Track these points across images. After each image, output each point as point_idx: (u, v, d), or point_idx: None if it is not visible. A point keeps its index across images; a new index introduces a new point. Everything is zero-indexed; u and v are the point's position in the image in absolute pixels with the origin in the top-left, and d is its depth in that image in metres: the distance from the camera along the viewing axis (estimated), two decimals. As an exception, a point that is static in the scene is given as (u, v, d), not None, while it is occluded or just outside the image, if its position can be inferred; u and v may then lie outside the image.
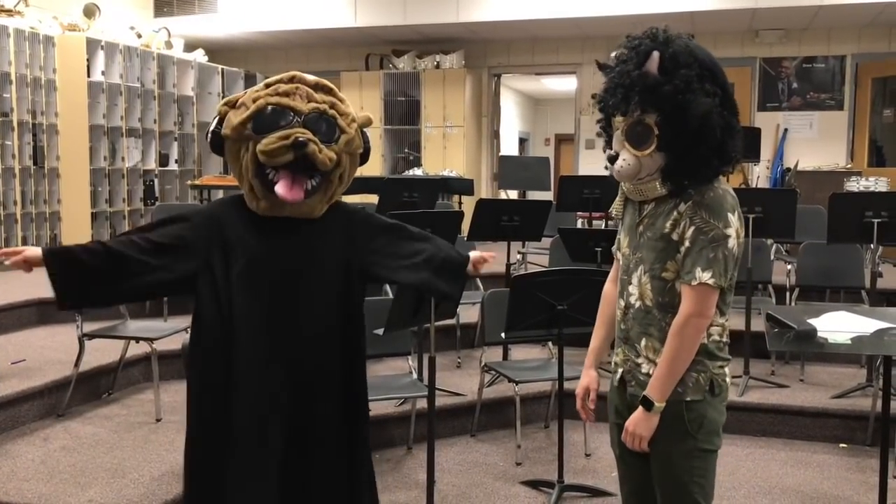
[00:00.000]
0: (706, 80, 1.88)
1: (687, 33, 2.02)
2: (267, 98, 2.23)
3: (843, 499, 3.64)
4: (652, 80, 1.88)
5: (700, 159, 1.89)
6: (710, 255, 1.88)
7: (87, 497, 3.11)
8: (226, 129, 2.26)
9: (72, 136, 7.60)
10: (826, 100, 9.06)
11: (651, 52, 1.90)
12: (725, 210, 1.89)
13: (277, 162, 2.18)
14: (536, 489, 3.72)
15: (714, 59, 1.97)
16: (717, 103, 1.88)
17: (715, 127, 1.87)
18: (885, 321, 2.68)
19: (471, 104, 9.98)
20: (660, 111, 1.88)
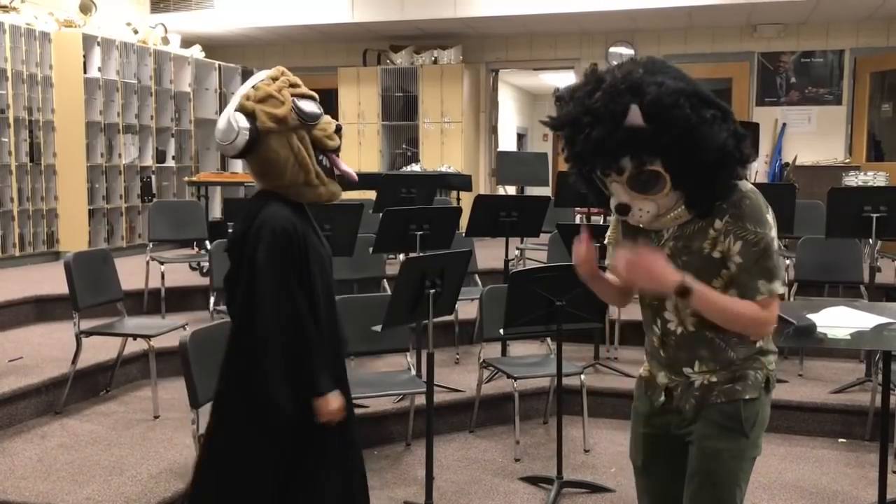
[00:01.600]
0: (698, 106, 1.74)
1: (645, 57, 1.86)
2: (289, 89, 2.27)
3: (842, 493, 3.64)
4: (645, 134, 1.71)
5: (725, 181, 1.81)
6: (770, 265, 1.82)
7: (84, 495, 3.10)
8: (268, 123, 2.22)
9: (68, 133, 7.58)
10: (824, 94, 9.05)
11: (629, 107, 1.71)
12: (764, 213, 1.83)
13: (335, 145, 2.29)
14: (535, 485, 3.71)
15: (684, 73, 1.82)
16: (723, 125, 1.76)
17: (731, 150, 1.77)
18: (885, 316, 2.68)
19: (469, 100, 9.96)
20: (663, 157, 1.76)
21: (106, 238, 7.93)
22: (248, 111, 2.22)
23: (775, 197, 4.72)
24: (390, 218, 4.43)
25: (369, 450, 4.08)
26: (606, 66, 1.86)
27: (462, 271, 3.41)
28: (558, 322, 3.56)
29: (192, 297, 5.92)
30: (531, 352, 4.95)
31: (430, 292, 3.12)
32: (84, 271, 4.23)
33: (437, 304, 3.18)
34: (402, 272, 3.15)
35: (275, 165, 2.25)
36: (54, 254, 7.59)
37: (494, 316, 4.10)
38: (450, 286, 3.26)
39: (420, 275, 3.11)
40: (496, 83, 10.58)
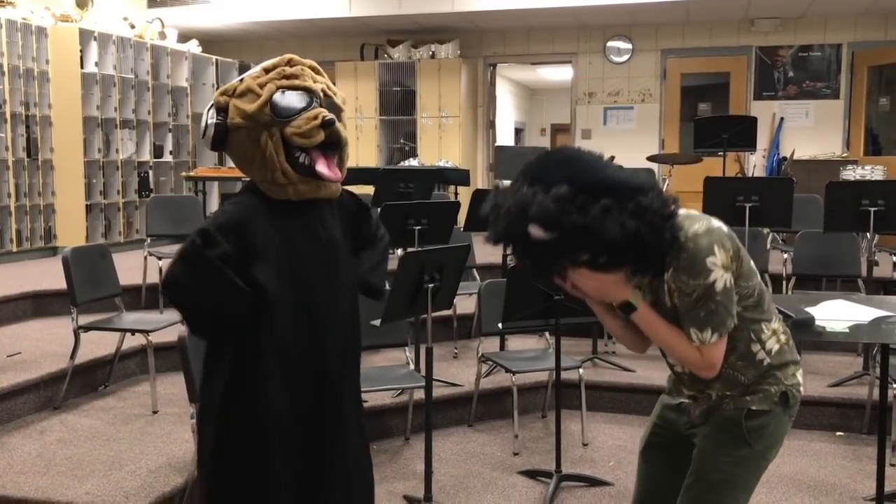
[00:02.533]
0: (586, 204, 1.68)
1: (535, 160, 1.79)
2: (276, 82, 2.20)
3: (840, 486, 3.65)
4: (550, 248, 1.72)
5: (647, 254, 1.76)
6: (702, 314, 1.83)
7: (84, 489, 3.10)
8: (236, 119, 2.18)
9: (65, 128, 7.56)
10: (822, 88, 9.05)
11: (528, 230, 1.72)
12: (702, 259, 1.79)
13: (312, 143, 2.17)
14: (534, 479, 3.72)
15: (572, 171, 1.73)
16: (620, 215, 1.69)
17: (636, 230, 1.70)
18: (883, 309, 2.68)
19: (466, 94, 9.95)
20: (586, 251, 1.74)
21: (103, 233, 7.92)
22: (221, 106, 2.21)
23: (773, 191, 4.76)
24: (388, 213, 4.43)
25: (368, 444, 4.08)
26: (499, 187, 1.85)
27: (461, 266, 3.41)
28: (557, 316, 3.56)
29: (190, 293, 5.90)
30: (529, 346, 4.95)
31: (429, 287, 3.12)
32: (82, 266, 4.22)
33: (435, 298, 3.17)
34: (400, 267, 3.15)
35: (243, 160, 2.25)
36: (51, 249, 7.58)
37: (493, 310, 4.10)
38: (448, 281, 3.26)
39: (419, 269, 3.11)
40: (494, 77, 10.57)
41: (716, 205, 4.77)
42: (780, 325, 1.98)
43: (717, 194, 4.76)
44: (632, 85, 9.66)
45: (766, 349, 1.94)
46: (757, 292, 1.90)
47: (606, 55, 9.71)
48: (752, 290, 1.89)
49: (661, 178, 8.83)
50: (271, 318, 2.22)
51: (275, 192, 2.23)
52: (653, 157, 7.84)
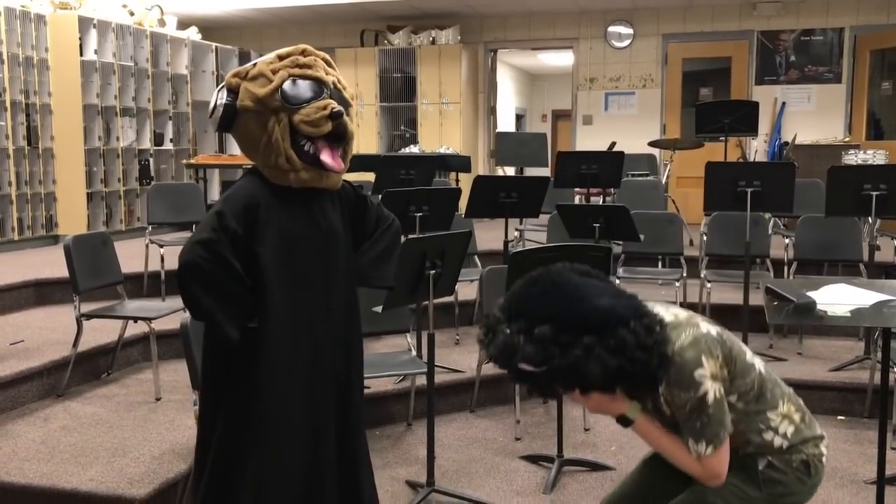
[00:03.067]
0: (571, 345, 1.73)
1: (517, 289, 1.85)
2: (289, 69, 2.23)
3: (841, 470, 3.66)
4: (545, 378, 1.78)
5: (637, 380, 1.81)
6: (696, 425, 1.84)
7: (88, 476, 3.11)
8: (246, 101, 2.21)
9: (65, 116, 7.55)
10: (824, 73, 9.02)
11: (518, 369, 1.78)
12: (690, 372, 1.81)
13: (319, 132, 2.20)
14: (536, 464, 3.73)
15: (552, 308, 1.77)
16: (599, 351, 1.73)
17: (619, 366, 1.75)
18: (884, 293, 2.68)
19: (467, 80, 9.92)
20: (579, 380, 1.79)
21: (105, 221, 7.92)
22: (233, 87, 2.25)
23: (774, 176, 4.75)
24: (389, 199, 4.42)
25: (371, 430, 4.10)
26: (489, 315, 1.88)
27: (462, 252, 3.41)
28: (558, 302, 3.56)
29: (192, 280, 5.91)
30: (531, 332, 4.96)
31: (431, 273, 3.12)
32: (84, 254, 4.23)
33: (437, 284, 3.18)
34: (402, 253, 3.15)
35: (249, 143, 2.28)
36: (53, 237, 7.59)
37: (495, 296, 4.10)
38: (450, 267, 3.27)
39: (420, 256, 3.11)
40: (494, 63, 10.54)
41: (717, 190, 4.76)
42: (790, 406, 1.97)
43: (719, 179, 4.76)
44: (633, 70, 9.62)
45: (780, 434, 1.94)
46: (757, 385, 1.92)
47: (607, 40, 9.67)
48: (750, 384, 1.91)
49: (662, 163, 8.82)
50: (266, 303, 2.25)
51: (276, 178, 2.26)
52: (654, 143, 7.82)
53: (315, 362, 2.35)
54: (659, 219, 5.60)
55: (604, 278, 1.85)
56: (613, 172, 5.95)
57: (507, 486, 3.49)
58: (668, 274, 5.66)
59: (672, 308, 1.96)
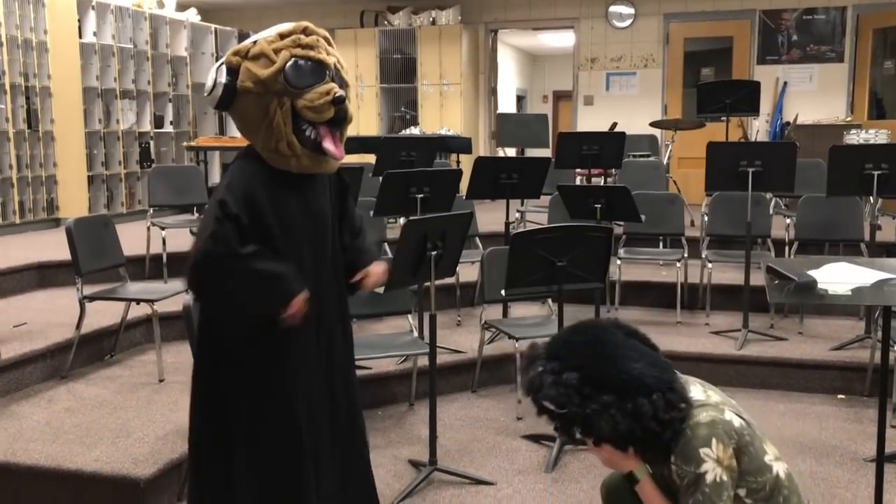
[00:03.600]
0: (590, 398, 1.85)
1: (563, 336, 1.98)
2: (291, 50, 2.16)
3: (841, 448, 3.68)
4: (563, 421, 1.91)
5: (654, 442, 1.89)
6: (690, 501, 1.88)
7: (93, 456, 3.14)
8: (247, 82, 2.15)
9: (65, 99, 7.53)
10: (826, 52, 8.97)
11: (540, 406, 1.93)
12: (696, 448, 1.86)
13: (322, 118, 2.16)
14: (538, 443, 3.76)
15: (584, 358, 1.89)
16: (613, 412, 1.84)
17: (632, 427, 1.85)
18: (885, 272, 2.68)
19: (468, 61, 9.88)
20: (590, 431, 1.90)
21: (106, 204, 7.92)
22: (233, 66, 2.18)
23: (776, 156, 4.74)
24: (390, 181, 4.42)
25: (373, 410, 4.12)
26: (534, 346, 2.01)
27: (464, 233, 3.42)
28: (559, 282, 3.57)
29: (194, 262, 5.92)
30: (532, 313, 4.97)
31: (432, 254, 3.13)
32: (85, 236, 4.24)
33: (438, 266, 3.19)
34: (403, 234, 3.15)
35: (248, 125, 2.23)
36: (54, 220, 7.60)
37: (495, 278, 4.11)
38: (451, 248, 3.27)
39: (422, 237, 3.11)
40: (495, 44, 10.49)
41: (719, 170, 4.76)
42: None
43: (720, 159, 4.75)
44: (634, 50, 9.58)
45: None
46: (769, 487, 1.92)
47: (609, 20, 9.62)
48: (762, 484, 1.92)
49: (663, 143, 8.80)
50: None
51: (276, 162, 2.22)
52: (655, 123, 7.80)
53: (318, 342, 2.36)
54: (660, 199, 5.59)
55: (649, 343, 1.96)
56: (614, 153, 5.94)
57: (509, 465, 3.52)
58: (669, 254, 5.66)
59: (710, 389, 2.00)
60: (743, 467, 1.88)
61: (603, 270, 3.75)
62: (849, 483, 3.34)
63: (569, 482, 3.35)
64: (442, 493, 3.26)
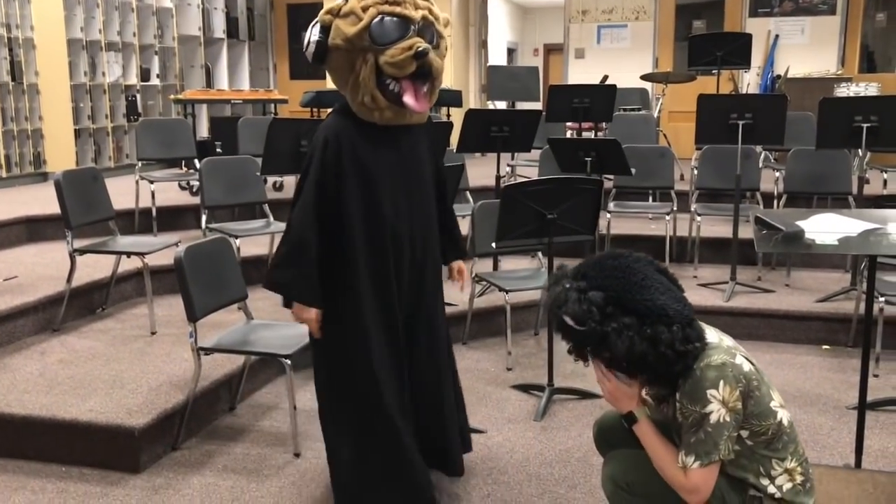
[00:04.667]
0: (612, 316, 1.89)
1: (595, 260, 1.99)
2: (379, 6, 2.26)
3: (825, 396, 3.75)
4: (579, 337, 1.94)
5: (657, 374, 1.93)
6: (692, 440, 1.91)
7: (87, 407, 3.17)
8: (337, 40, 2.27)
9: (49, 51, 7.42)
10: (818, 5, 8.91)
11: (562, 319, 1.95)
12: (704, 389, 1.89)
13: (403, 73, 2.26)
14: (527, 392, 3.81)
15: (611, 280, 1.92)
16: (631, 334, 1.87)
17: (647, 352, 1.87)
18: (872, 222, 2.71)
19: (458, 13, 9.76)
20: (606, 352, 1.93)
21: (93, 158, 7.86)
22: (326, 24, 2.31)
23: (766, 108, 4.74)
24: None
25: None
26: (562, 268, 2.06)
27: (455, 185, 3.42)
28: (550, 235, 3.59)
29: (183, 216, 5.92)
30: (522, 266, 5.00)
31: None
32: (74, 190, 4.21)
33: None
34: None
35: (339, 80, 2.38)
36: (41, 174, 7.54)
37: (486, 231, 4.12)
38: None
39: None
40: (485, -4, 10.35)
41: (709, 123, 4.76)
42: (797, 466, 1.99)
43: (711, 112, 4.75)
44: (626, 2, 9.48)
45: (776, 485, 1.98)
46: (772, 432, 1.95)
47: (600, -29, 9.50)
48: (766, 428, 1.94)
49: (654, 97, 8.76)
50: (351, 233, 2.43)
51: (364, 114, 2.37)
52: (647, 76, 7.76)
53: (392, 287, 2.53)
54: (650, 153, 5.60)
55: (676, 283, 1.98)
56: (605, 106, 5.92)
57: (499, 414, 3.57)
58: (658, 208, 5.68)
59: (723, 335, 2.03)
60: (748, 410, 1.92)
61: (593, 223, 3.77)
62: (831, 430, 3.41)
63: (557, 430, 3.41)
64: (433, 442, 3.31)
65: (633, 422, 2.04)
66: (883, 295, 3.88)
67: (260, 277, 5.00)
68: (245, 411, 3.60)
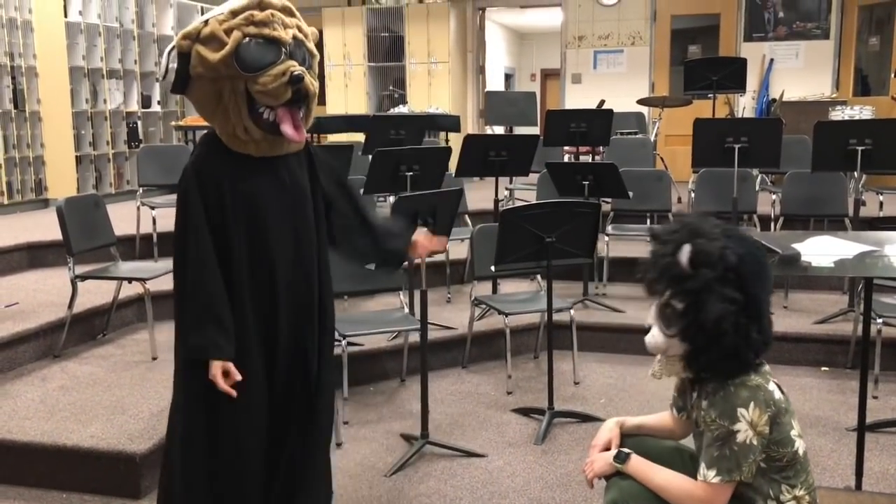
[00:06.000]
0: (728, 283, 1.87)
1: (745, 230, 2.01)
2: (243, 29, 2.03)
3: (824, 418, 3.76)
4: (677, 272, 1.91)
5: (713, 359, 1.91)
6: (715, 454, 1.89)
7: (88, 433, 3.17)
8: (199, 68, 2.03)
9: (52, 79, 7.49)
10: (812, 29, 9.01)
11: (682, 244, 1.91)
12: (735, 406, 1.88)
13: (278, 101, 2.04)
14: (527, 416, 3.82)
15: (750, 260, 1.91)
16: (733, 310, 1.87)
17: (727, 332, 1.87)
18: (868, 245, 2.74)
19: (455, 39, 9.86)
20: (684, 302, 1.91)
21: (94, 185, 7.90)
22: (184, 51, 2.06)
23: (762, 132, 4.78)
24: (380, 159, 4.44)
25: (365, 386, 4.17)
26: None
27: (453, 210, 3.45)
28: (548, 258, 3.61)
29: (184, 242, 5.94)
30: (522, 289, 5.02)
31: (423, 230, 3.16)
32: (76, 216, 4.24)
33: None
34: (394, 211, 3.18)
35: (204, 110, 2.13)
36: (43, 201, 7.57)
37: (485, 254, 4.15)
38: (442, 225, 3.31)
39: (412, 213, 3.15)
40: (483, 22, 10.47)
41: (705, 146, 4.80)
42: (807, 496, 1.99)
43: (707, 136, 4.79)
44: (622, 28, 9.58)
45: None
46: (787, 460, 1.95)
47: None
48: (782, 455, 1.94)
49: (650, 121, 8.83)
50: (231, 266, 2.16)
51: (236, 146, 2.13)
52: (643, 101, 7.83)
53: (275, 318, 2.25)
54: (647, 176, 5.64)
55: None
56: (602, 130, 5.97)
57: (500, 438, 3.58)
58: (656, 231, 5.70)
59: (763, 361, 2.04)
60: (771, 437, 1.92)
61: (591, 246, 3.80)
62: (831, 452, 3.41)
63: (558, 453, 3.41)
64: (434, 466, 3.32)
65: (626, 458, 2.04)
66: (881, 316, 3.90)
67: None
68: (246, 436, 3.60)
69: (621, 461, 2.04)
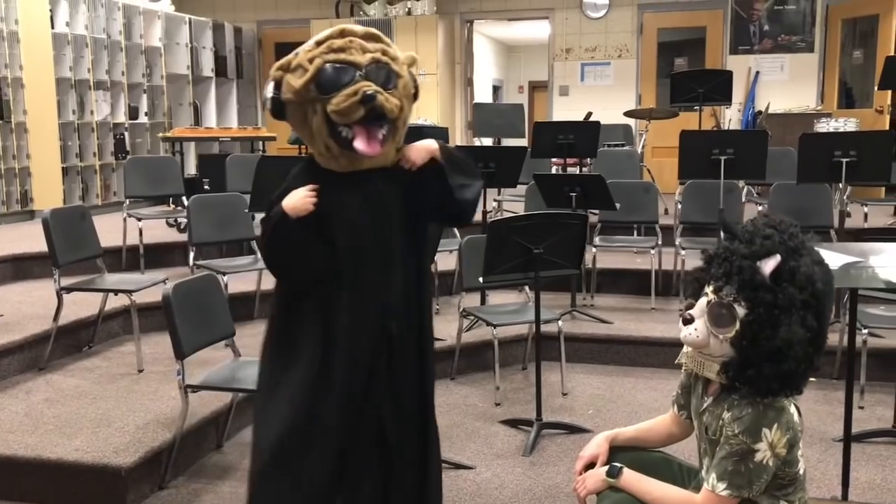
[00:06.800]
0: (811, 310, 1.80)
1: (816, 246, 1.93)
2: (323, 56, 2.24)
3: (811, 429, 3.77)
4: (758, 280, 1.81)
5: (763, 376, 1.84)
6: (730, 468, 1.86)
7: (73, 446, 3.14)
8: (287, 94, 2.26)
9: (38, 90, 7.46)
10: (797, 42, 9.10)
11: (774, 253, 1.82)
12: (760, 426, 1.85)
13: (351, 119, 2.21)
14: (516, 427, 3.81)
15: (829, 290, 1.85)
16: (808, 337, 1.80)
17: (792, 358, 1.80)
18: (853, 256, 2.76)
19: (444, 51, 9.89)
20: (750, 311, 1.82)
21: (81, 196, 7.87)
22: (277, 80, 2.30)
23: (748, 144, 4.82)
24: (368, 170, 4.44)
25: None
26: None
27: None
28: (536, 269, 3.62)
29: (171, 254, 5.92)
30: (510, 301, 5.02)
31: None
32: (62, 228, 4.22)
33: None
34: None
35: (299, 132, 2.35)
36: (29, 213, 7.53)
37: (473, 266, 4.15)
38: (431, 236, 3.30)
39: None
40: (471, 34, 10.51)
41: (692, 158, 4.83)
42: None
43: (693, 148, 4.82)
44: (609, 41, 9.64)
45: None
46: (788, 479, 1.95)
47: (583, 10, 9.68)
48: (785, 475, 1.94)
49: (637, 133, 8.88)
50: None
51: (325, 162, 2.34)
52: (630, 113, 7.88)
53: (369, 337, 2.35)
54: (634, 188, 5.66)
55: None
56: (589, 142, 6.00)
57: (488, 450, 3.57)
58: (643, 242, 5.73)
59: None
60: (784, 459, 1.90)
61: (579, 257, 3.81)
62: (818, 462, 3.42)
63: (546, 465, 3.41)
64: (422, 478, 3.30)
65: (618, 471, 2.02)
66: (866, 327, 3.92)
67: (248, 314, 5.01)
68: (233, 449, 3.58)
69: (614, 476, 2.03)
